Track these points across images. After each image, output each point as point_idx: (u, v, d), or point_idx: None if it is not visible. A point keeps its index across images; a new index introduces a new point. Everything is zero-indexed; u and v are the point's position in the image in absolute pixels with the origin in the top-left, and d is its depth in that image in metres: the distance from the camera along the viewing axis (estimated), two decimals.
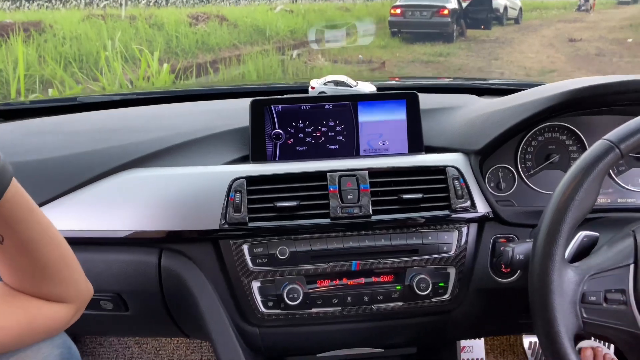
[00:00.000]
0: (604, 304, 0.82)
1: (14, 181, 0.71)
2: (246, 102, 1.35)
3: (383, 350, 1.20)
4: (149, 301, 1.10)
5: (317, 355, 1.18)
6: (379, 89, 1.32)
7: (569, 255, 0.87)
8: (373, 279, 1.07)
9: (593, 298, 0.82)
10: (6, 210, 0.69)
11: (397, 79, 2.03)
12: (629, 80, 1.02)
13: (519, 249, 0.93)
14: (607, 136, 0.83)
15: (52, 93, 3.53)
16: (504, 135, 1.08)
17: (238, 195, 1.04)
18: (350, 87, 1.30)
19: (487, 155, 1.12)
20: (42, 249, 0.74)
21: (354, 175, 1.07)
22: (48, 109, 1.40)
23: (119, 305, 1.11)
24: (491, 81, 1.67)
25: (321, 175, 1.07)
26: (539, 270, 0.81)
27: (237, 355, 1.06)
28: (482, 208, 1.08)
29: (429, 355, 1.22)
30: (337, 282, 1.06)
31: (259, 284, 1.05)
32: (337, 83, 1.30)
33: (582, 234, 0.89)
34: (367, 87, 1.31)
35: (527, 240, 0.95)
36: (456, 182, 1.07)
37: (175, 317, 1.14)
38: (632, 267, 0.82)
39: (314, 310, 1.05)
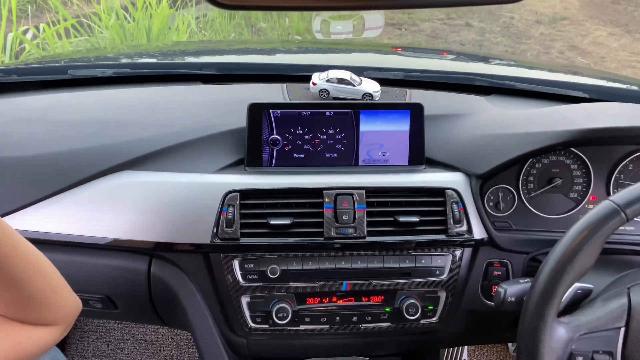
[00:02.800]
0: None
1: None
2: (248, 91, 1.30)
3: (368, 358, 1.22)
4: (139, 304, 1.10)
5: None
6: (381, 80, 1.26)
7: (560, 307, 0.86)
8: (363, 300, 1.07)
9: (580, 358, 0.82)
10: None
11: (399, 49, 1.94)
12: None
13: (511, 290, 0.92)
14: (613, 198, 0.80)
15: (43, 27, 3.37)
16: (508, 163, 1.04)
17: (231, 209, 1.01)
18: (354, 85, 1.24)
19: (489, 178, 1.09)
20: (28, 281, 0.73)
21: (351, 194, 1.04)
22: (38, 83, 1.34)
23: (108, 305, 1.11)
24: (496, 69, 1.61)
25: (317, 191, 1.04)
26: (530, 329, 0.81)
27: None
28: (478, 233, 1.06)
29: None
30: (327, 301, 1.06)
31: (248, 299, 1.04)
32: (340, 80, 1.24)
33: (576, 287, 0.88)
34: (371, 86, 1.26)
35: (520, 280, 0.94)
36: (455, 205, 1.05)
37: (164, 318, 1.15)
38: (622, 330, 0.82)
39: (302, 327, 1.06)
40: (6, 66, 1.47)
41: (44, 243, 0.76)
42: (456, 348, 1.66)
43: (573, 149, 1.10)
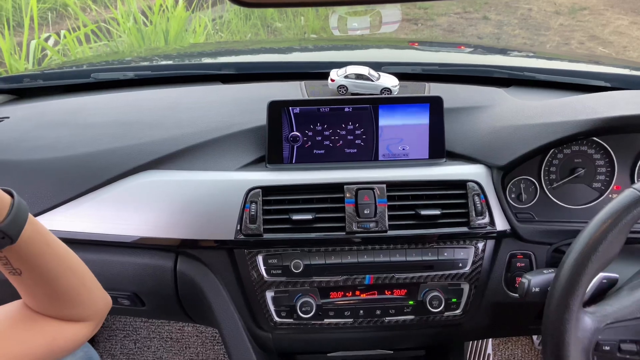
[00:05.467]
0: (618, 354, 0.82)
1: (30, 218, 0.70)
2: (267, 89, 1.31)
3: (392, 352, 1.23)
4: (165, 300, 1.12)
5: (328, 355, 1.22)
6: (399, 75, 1.27)
7: (585, 297, 0.86)
8: (386, 293, 1.07)
9: (607, 348, 0.81)
10: (23, 247, 0.70)
11: (416, 44, 1.94)
12: None
13: (535, 280, 0.92)
14: (637, 186, 0.80)
15: (64, 34, 3.43)
16: (529, 154, 1.04)
17: (254, 206, 1.03)
18: (372, 80, 1.25)
19: (511, 170, 1.09)
20: (60, 277, 0.75)
21: (372, 189, 1.04)
22: (62, 87, 1.37)
23: (136, 302, 1.14)
24: (515, 61, 1.60)
25: (338, 186, 1.05)
26: (555, 319, 0.80)
27: (249, 357, 1.09)
28: (500, 225, 1.06)
29: (437, 357, 1.25)
30: (350, 294, 1.07)
31: (272, 294, 1.06)
32: (358, 76, 1.25)
33: (601, 276, 0.87)
34: (390, 81, 1.26)
35: (544, 271, 0.93)
36: (476, 198, 1.05)
37: (190, 315, 1.16)
38: None
39: (326, 321, 1.07)
40: (32, 72, 1.51)
41: (72, 242, 0.78)
42: (480, 341, 1.66)
43: (595, 138, 1.09)
